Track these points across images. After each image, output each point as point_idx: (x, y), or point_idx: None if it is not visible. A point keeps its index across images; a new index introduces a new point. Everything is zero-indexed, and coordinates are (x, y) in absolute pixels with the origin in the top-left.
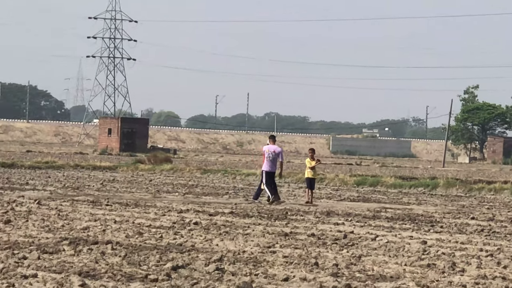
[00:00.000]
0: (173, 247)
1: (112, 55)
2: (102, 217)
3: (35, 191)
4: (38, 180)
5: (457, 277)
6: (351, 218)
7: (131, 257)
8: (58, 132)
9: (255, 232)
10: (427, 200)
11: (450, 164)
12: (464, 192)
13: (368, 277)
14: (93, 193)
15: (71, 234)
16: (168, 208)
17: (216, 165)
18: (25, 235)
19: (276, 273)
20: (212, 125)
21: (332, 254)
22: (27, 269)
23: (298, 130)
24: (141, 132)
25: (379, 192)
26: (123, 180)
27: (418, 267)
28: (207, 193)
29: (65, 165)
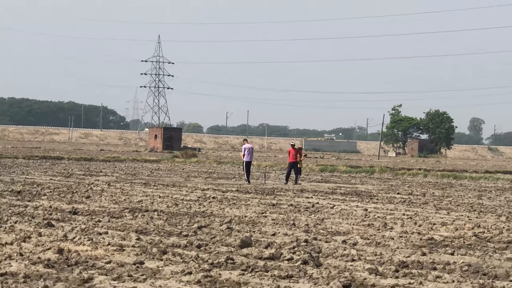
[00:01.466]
0: (198, 214)
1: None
2: (151, 194)
3: (106, 176)
4: (108, 169)
5: (388, 232)
6: (317, 193)
7: (170, 220)
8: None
9: (253, 203)
10: (367, 181)
11: (383, 157)
12: (392, 176)
13: (329, 233)
14: (145, 178)
15: (130, 205)
16: (195, 187)
17: (227, 159)
18: (99, 206)
19: (267, 230)
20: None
21: (304, 218)
22: (101, 228)
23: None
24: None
25: (335, 176)
26: (165, 169)
27: (362, 226)
28: (221, 177)
29: (126, 159)
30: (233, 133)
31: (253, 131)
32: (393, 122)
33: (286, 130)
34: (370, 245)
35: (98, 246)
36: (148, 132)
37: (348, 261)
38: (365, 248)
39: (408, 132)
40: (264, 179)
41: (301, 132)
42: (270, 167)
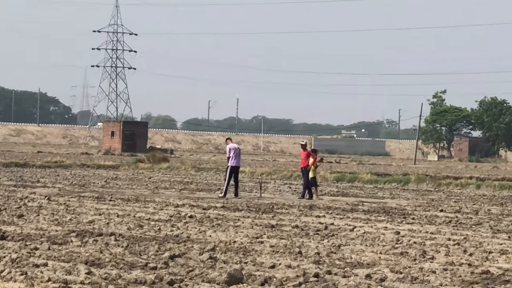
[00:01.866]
0: (170, 238)
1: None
2: (106, 211)
3: (45, 188)
4: (48, 178)
5: (427, 263)
6: (331, 211)
7: (132, 247)
8: (66, 134)
9: (244, 224)
10: (400, 195)
11: (420, 161)
12: (433, 187)
13: (347, 264)
14: (98, 189)
15: (78, 227)
16: (166, 203)
17: (209, 163)
18: (36, 228)
19: (263, 261)
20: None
21: (314, 244)
22: (38, 258)
23: (283, 131)
24: (141, 134)
25: (356, 187)
26: (124, 178)
27: (392, 255)
28: (201, 189)
29: (72, 164)
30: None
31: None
32: (434, 114)
33: (289, 125)
34: (404, 281)
35: (34, 282)
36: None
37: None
38: (397, 285)
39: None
40: (259, 192)
41: (309, 127)
42: (268, 175)
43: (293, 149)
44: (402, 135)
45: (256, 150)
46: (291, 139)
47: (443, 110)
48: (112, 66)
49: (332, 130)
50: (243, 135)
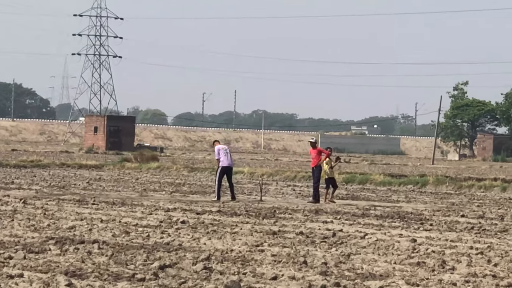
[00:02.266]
0: (160, 246)
1: (98, 52)
2: (88, 216)
3: (21, 190)
4: (23, 179)
5: (447, 275)
6: (340, 216)
7: (117, 256)
8: (44, 130)
9: (243, 231)
10: (416, 198)
11: (439, 161)
12: (453, 189)
13: (358, 276)
14: (79, 192)
15: (57, 233)
16: (155, 206)
17: (203, 163)
18: (10, 235)
19: (264, 272)
20: (199, 123)
21: (321, 253)
22: (12, 268)
23: (286, 127)
24: (128, 130)
25: (368, 190)
26: (109, 179)
27: (407, 265)
28: (195, 192)
29: (51, 164)
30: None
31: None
32: (455, 109)
33: (293, 120)
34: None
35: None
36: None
37: None
38: None
39: (478, 123)
40: (259, 194)
41: (315, 123)
42: (269, 176)
43: (297, 147)
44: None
45: (256, 148)
46: (295, 136)
47: (465, 104)
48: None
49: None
50: (242, 132)
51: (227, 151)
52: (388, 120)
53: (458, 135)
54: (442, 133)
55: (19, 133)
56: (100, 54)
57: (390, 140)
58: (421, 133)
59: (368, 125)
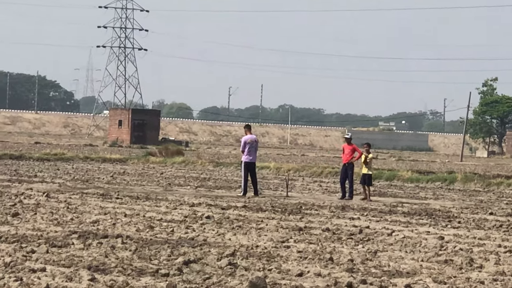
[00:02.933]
0: (184, 241)
1: (123, 45)
2: (112, 211)
3: (44, 184)
4: (46, 172)
5: (475, 273)
6: (366, 212)
7: (141, 251)
8: (67, 123)
9: (268, 227)
10: (444, 195)
11: (468, 158)
12: (482, 186)
13: (384, 273)
14: (103, 186)
15: (80, 227)
16: (180, 201)
17: (229, 158)
18: (33, 228)
19: (290, 268)
20: (225, 117)
21: (347, 250)
22: (35, 263)
23: (313, 122)
24: (152, 124)
25: (395, 187)
26: (133, 173)
27: (435, 263)
28: (220, 187)
29: (75, 157)
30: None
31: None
32: (484, 105)
33: (320, 115)
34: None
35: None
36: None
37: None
38: None
39: (507, 120)
40: (285, 190)
41: (342, 118)
42: (295, 171)
43: (324, 143)
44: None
45: (282, 143)
46: (322, 131)
47: (494, 100)
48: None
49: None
50: (268, 126)
51: (254, 145)
52: (416, 116)
53: (487, 132)
54: (471, 129)
55: (43, 126)
56: (126, 47)
57: (418, 136)
58: (450, 130)
59: (396, 121)
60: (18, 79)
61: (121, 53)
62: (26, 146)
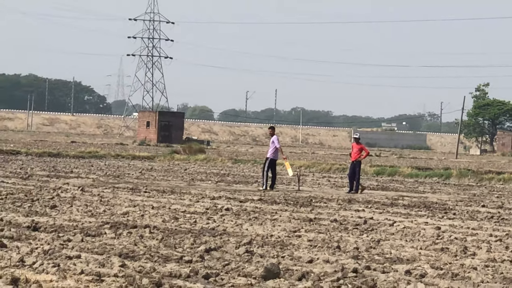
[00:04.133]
0: (206, 231)
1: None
2: (140, 203)
3: (79, 179)
4: (81, 168)
5: (469, 260)
6: (370, 205)
7: (167, 240)
8: (100, 124)
9: (282, 218)
10: (441, 189)
11: (462, 156)
12: (475, 181)
13: (386, 260)
14: (133, 181)
15: (112, 218)
16: (202, 195)
17: (246, 155)
18: (69, 219)
19: (301, 255)
20: (242, 119)
21: (353, 238)
22: (71, 250)
23: (322, 123)
24: (177, 124)
25: (396, 181)
26: (160, 169)
27: (432, 250)
28: (238, 182)
29: (107, 155)
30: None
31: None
32: (477, 108)
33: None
34: (444, 277)
35: (67, 275)
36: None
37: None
38: (437, 282)
39: (498, 121)
40: (297, 185)
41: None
42: (306, 167)
43: (332, 142)
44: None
45: (294, 142)
46: (330, 131)
47: (486, 104)
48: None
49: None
50: (282, 127)
51: (277, 142)
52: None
53: (480, 132)
54: (465, 130)
55: (78, 127)
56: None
57: (417, 136)
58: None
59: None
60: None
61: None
62: (63, 145)
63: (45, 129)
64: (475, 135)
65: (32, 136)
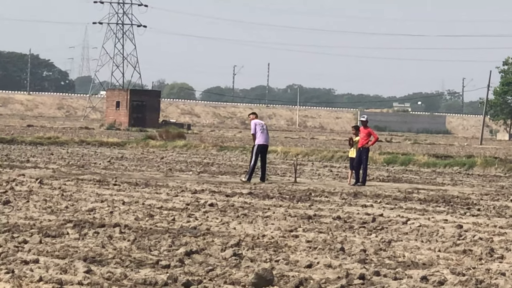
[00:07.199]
0: (186, 231)
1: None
2: (109, 198)
3: (37, 169)
4: (40, 157)
5: (496, 264)
6: (380, 199)
7: (140, 241)
8: (62, 105)
9: (276, 215)
10: (463, 181)
11: (488, 141)
12: (503, 172)
13: (399, 264)
14: (100, 171)
15: (76, 216)
16: (181, 188)
17: (233, 141)
18: (25, 217)
19: (298, 259)
20: (229, 98)
21: (359, 239)
22: (27, 253)
23: (323, 103)
24: (152, 105)
25: (410, 172)
26: (132, 158)
27: (453, 253)
28: (224, 172)
29: (69, 141)
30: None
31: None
32: (505, 85)
33: (331, 95)
34: (467, 284)
35: (22, 283)
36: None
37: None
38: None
39: None
40: (294, 176)
41: (354, 99)
42: (304, 155)
43: (335, 125)
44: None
45: (290, 125)
46: (332, 112)
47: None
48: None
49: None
50: (275, 108)
51: (264, 127)
52: (433, 97)
53: (509, 113)
54: (491, 111)
55: (36, 108)
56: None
57: (435, 118)
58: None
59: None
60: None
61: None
62: (18, 129)
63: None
64: (503, 117)
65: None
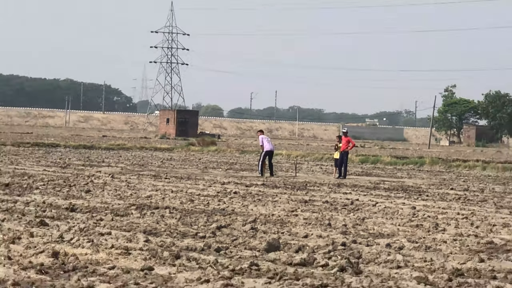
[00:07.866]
0: (217, 211)
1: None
2: (161, 188)
3: (109, 167)
4: (111, 158)
5: (439, 235)
6: (356, 188)
7: (184, 219)
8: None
9: (281, 200)
10: (416, 175)
11: (434, 146)
12: (445, 168)
13: (370, 235)
14: (155, 169)
15: (138, 201)
16: (214, 180)
17: (251, 147)
18: (101, 202)
19: (298, 231)
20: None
21: (341, 217)
22: (103, 228)
23: (315, 119)
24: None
25: (378, 168)
26: (178, 159)
27: (409, 227)
28: (244, 169)
29: (133, 147)
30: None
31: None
32: (446, 106)
33: (321, 114)
34: (419, 249)
35: (99, 249)
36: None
37: (393, 268)
38: (413, 253)
39: (463, 117)
40: (294, 172)
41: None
42: (302, 157)
43: (324, 135)
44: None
45: (292, 135)
46: (322, 126)
47: (454, 102)
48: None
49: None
50: (281, 123)
51: (268, 139)
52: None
53: (449, 126)
54: (436, 124)
55: (108, 123)
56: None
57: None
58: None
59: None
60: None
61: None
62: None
63: (80, 125)
64: (444, 129)
65: (70, 132)
